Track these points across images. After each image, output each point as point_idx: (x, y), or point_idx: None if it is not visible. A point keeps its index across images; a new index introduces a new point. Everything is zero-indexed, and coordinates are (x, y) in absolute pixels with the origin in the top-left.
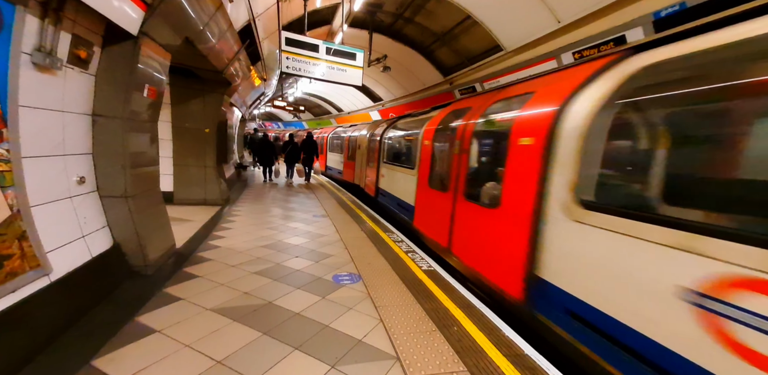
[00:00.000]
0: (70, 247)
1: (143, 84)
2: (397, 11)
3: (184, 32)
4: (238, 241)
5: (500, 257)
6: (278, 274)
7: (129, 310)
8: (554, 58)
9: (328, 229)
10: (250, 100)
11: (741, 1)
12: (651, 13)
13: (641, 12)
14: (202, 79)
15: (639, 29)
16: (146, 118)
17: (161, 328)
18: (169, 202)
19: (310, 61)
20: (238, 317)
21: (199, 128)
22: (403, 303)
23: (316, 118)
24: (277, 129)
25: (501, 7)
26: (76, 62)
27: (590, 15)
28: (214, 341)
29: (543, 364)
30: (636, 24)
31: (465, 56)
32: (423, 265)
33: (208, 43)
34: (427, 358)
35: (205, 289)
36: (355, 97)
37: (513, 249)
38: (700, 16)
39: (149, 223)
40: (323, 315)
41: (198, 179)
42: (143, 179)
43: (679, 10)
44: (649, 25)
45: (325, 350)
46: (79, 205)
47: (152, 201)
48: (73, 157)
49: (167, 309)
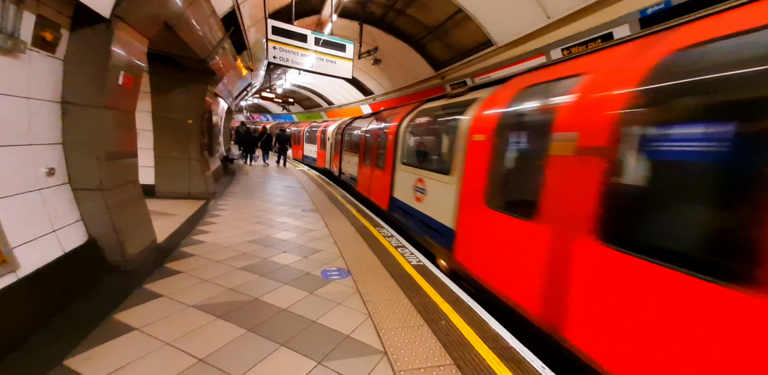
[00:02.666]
0: (39, 242)
1: (118, 71)
2: (389, 2)
3: (163, 17)
4: (224, 236)
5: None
6: (265, 270)
7: (106, 307)
8: (544, 54)
9: (317, 223)
10: (237, 91)
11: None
12: (638, 11)
13: (628, 9)
14: (184, 68)
15: (626, 26)
16: (123, 107)
17: (140, 326)
18: (150, 196)
19: (298, 52)
20: (223, 314)
21: (182, 119)
22: (392, 298)
23: (306, 111)
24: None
25: (493, 1)
26: (42, 45)
27: (579, 11)
28: (196, 339)
29: (528, 356)
30: (623, 21)
31: (457, 50)
32: (412, 260)
33: (190, 30)
34: (415, 353)
35: (187, 286)
36: (345, 90)
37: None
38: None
39: (128, 217)
40: (311, 311)
41: (181, 172)
42: (121, 171)
43: (664, 8)
44: (635, 22)
45: (312, 346)
46: (49, 198)
47: (131, 194)
48: (40, 147)
49: (147, 306)
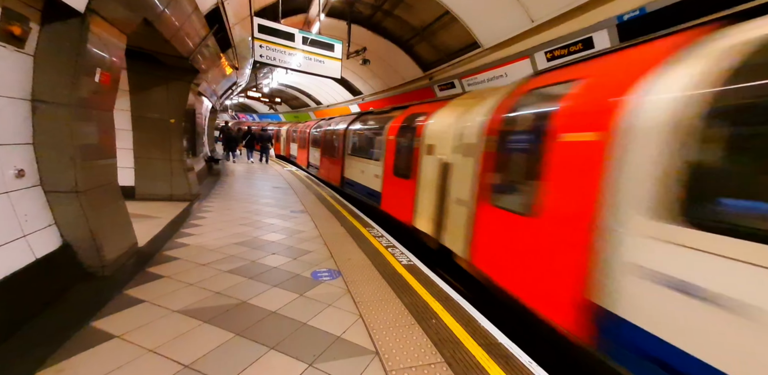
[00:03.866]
0: (8, 247)
1: (94, 68)
2: (376, 3)
3: (142, 12)
4: (210, 238)
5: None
6: (253, 272)
7: (82, 315)
8: (528, 57)
9: (306, 224)
10: (221, 89)
11: (696, 9)
12: (615, 17)
13: (606, 15)
14: (166, 66)
15: (604, 32)
16: (99, 105)
17: (120, 333)
18: (130, 198)
19: (285, 51)
20: (209, 318)
21: (164, 118)
22: (383, 298)
23: (293, 110)
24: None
25: (479, 4)
26: (9, 39)
27: (561, 16)
28: (181, 345)
29: (516, 352)
30: (602, 26)
31: (444, 52)
32: (403, 259)
33: (171, 26)
34: (406, 352)
35: (171, 290)
36: (334, 90)
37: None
38: (660, 21)
39: (106, 220)
40: (301, 313)
41: (163, 173)
42: (98, 173)
43: (639, 15)
44: (613, 28)
45: (302, 348)
46: (18, 201)
47: (109, 196)
48: (8, 148)
49: (128, 312)
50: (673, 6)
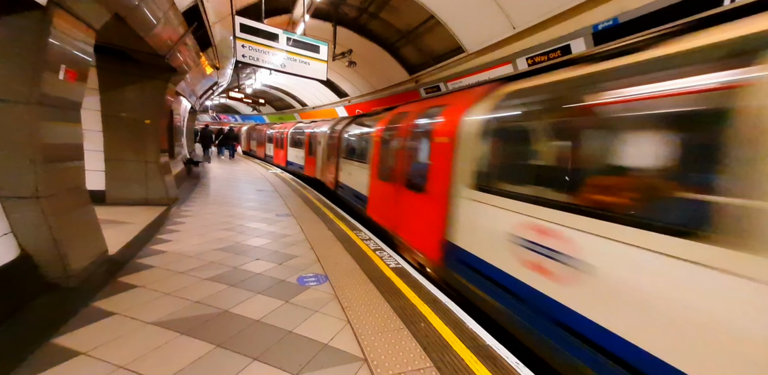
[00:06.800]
0: None
1: (58, 64)
2: (362, 5)
3: (113, 7)
4: (188, 244)
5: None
6: (236, 279)
7: (43, 331)
8: (510, 62)
9: (292, 228)
10: (201, 89)
11: (666, 20)
12: (591, 26)
13: (582, 24)
14: (140, 63)
15: (581, 40)
16: (64, 104)
17: (87, 350)
18: (100, 203)
19: (269, 51)
20: (187, 330)
21: (137, 118)
22: (371, 302)
23: (278, 112)
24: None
25: (463, 9)
26: None
27: (540, 23)
28: (156, 359)
29: (503, 353)
30: (579, 35)
31: (429, 55)
32: (391, 262)
33: (145, 23)
34: (395, 357)
35: (145, 301)
36: (320, 92)
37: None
38: (633, 31)
39: (71, 227)
40: (286, 320)
41: (137, 176)
42: (62, 176)
43: (612, 25)
44: (589, 36)
45: (287, 358)
46: None
47: (76, 201)
48: None
49: (95, 326)
50: (641, 18)
